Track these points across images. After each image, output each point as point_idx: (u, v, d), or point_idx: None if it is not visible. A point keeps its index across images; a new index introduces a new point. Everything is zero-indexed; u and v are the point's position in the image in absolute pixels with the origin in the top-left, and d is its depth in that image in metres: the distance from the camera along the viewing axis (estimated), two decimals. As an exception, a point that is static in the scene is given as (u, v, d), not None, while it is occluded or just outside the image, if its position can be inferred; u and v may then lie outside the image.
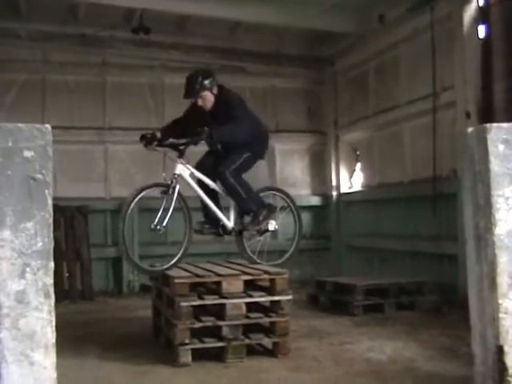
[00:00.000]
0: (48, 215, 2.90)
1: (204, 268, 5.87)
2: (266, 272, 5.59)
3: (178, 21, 9.69)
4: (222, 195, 5.96)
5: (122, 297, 9.49)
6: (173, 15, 9.36)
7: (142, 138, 5.90)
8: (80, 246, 9.38)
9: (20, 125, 2.93)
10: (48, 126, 2.99)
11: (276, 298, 5.51)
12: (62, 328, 6.85)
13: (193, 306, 5.32)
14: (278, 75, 10.72)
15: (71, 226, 9.43)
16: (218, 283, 5.41)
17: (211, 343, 5.31)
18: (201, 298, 5.38)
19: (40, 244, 2.91)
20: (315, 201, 10.93)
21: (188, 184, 5.74)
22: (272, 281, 5.56)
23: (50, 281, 2.92)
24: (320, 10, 9.26)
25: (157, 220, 5.60)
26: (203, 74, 5.67)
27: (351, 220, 10.37)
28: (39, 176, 2.92)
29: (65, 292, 9.14)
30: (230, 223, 5.93)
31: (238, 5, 9.15)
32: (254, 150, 6.00)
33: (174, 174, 5.62)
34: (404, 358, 5.31)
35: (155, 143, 5.83)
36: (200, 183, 5.83)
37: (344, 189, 10.74)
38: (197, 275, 5.45)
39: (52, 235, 2.93)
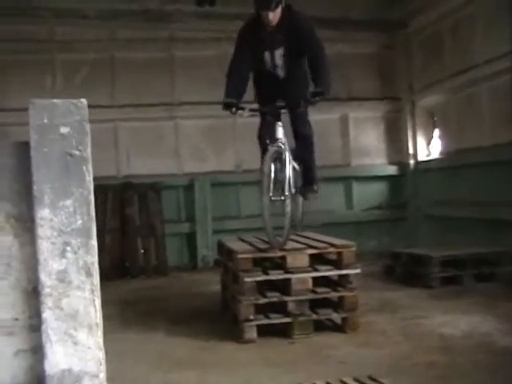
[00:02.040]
0: (87, 192, 2.82)
1: (265, 241, 5.73)
2: (332, 245, 5.40)
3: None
4: None
5: (196, 272, 9.53)
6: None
7: (227, 106, 5.15)
8: (154, 222, 9.47)
9: (55, 100, 2.84)
10: (84, 100, 2.88)
11: (343, 271, 5.33)
12: (135, 303, 7.06)
13: (257, 282, 5.21)
14: (347, 41, 10.29)
15: (145, 202, 9.52)
16: (283, 258, 5.27)
17: (277, 319, 5.19)
18: (265, 272, 5.26)
19: (80, 222, 2.83)
20: (391, 170, 10.55)
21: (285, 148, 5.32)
22: (339, 254, 5.36)
23: (92, 259, 2.84)
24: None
25: (272, 190, 5.06)
26: None
27: (428, 189, 9.93)
28: (76, 152, 2.84)
29: (140, 267, 9.31)
30: (293, 188, 5.60)
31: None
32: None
33: (279, 138, 5.19)
34: (479, 332, 5.03)
35: (245, 109, 5.18)
36: None
37: (421, 157, 10.30)
38: (260, 250, 5.33)
39: (92, 212, 2.84)
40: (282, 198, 5.06)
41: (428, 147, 10.26)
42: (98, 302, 2.92)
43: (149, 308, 6.76)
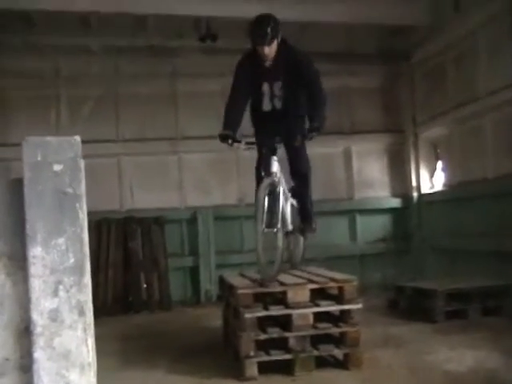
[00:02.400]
0: (80, 230, 2.80)
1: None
2: (333, 280, 5.34)
3: (244, 25, 9.52)
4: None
5: (200, 306, 9.45)
6: (239, 20, 9.21)
7: (223, 138, 5.14)
8: (157, 256, 9.43)
9: (48, 138, 2.85)
10: (77, 137, 2.89)
11: (345, 306, 5.26)
12: (137, 338, 6.99)
13: (258, 317, 5.15)
14: (351, 74, 10.38)
15: (148, 236, 9.49)
16: (284, 293, 5.21)
17: (278, 355, 5.12)
18: (266, 308, 5.20)
19: (72, 260, 2.81)
20: (395, 202, 10.51)
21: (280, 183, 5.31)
22: (340, 289, 5.30)
23: (85, 298, 2.81)
24: (390, 3, 8.93)
25: (265, 222, 5.04)
26: (274, 20, 5.10)
27: (433, 221, 9.87)
28: (69, 190, 2.83)
29: (143, 302, 9.24)
30: (290, 224, 5.61)
31: (306, 5, 8.95)
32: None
33: (273, 172, 5.17)
34: (485, 368, 4.95)
35: (241, 142, 5.19)
36: None
37: (425, 189, 10.26)
38: (261, 285, 5.28)
39: (86, 250, 2.82)
40: (275, 230, 5.03)
41: (431, 179, 10.23)
42: (90, 341, 2.88)
43: (150, 343, 6.69)
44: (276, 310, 5.18)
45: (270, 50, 5.10)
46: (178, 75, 9.92)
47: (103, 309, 8.97)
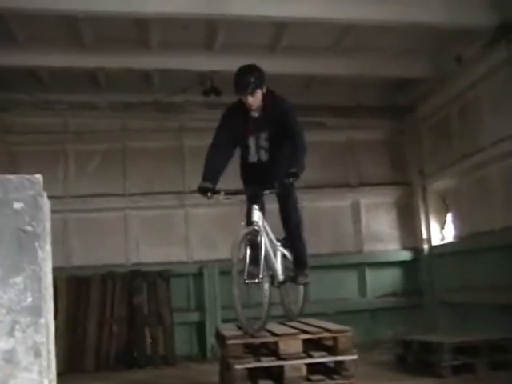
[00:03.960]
0: (39, 269, 2.73)
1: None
2: (326, 330, 5.17)
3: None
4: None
5: (206, 362, 9.23)
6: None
7: (203, 191, 5.07)
8: (162, 311, 9.30)
9: (9, 176, 2.82)
10: (39, 175, 2.85)
11: (339, 357, 5.07)
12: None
13: (250, 369, 4.99)
14: (357, 128, 10.43)
15: (153, 290, 9.40)
16: (275, 343, 5.06)
17: (269, 408, 4.92)
18: (258, 359, 5.04)
19: (30, 300, 2.73)
20: (405, 255, 10.33)
21: (263, 232, 5.12)
22: (334, 339, 5.13)
23: (41, 339, 2.72)
24: (393, 57, 9.00)
25: (247, 272, 4.89)
26: (258, 70, 5.05)
27: (444, 274, 9.65)
28: (29, 228, 2.78)
29: (148, 357, 9.07)
30: (280, 275, 5.48)
31: (311, 59, 9.06)
32: None
33: (254, 221, 5.03)
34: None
35: (220, 193, 5.06)
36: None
37: (435, 241, 10.08)
38: (252, 335, 5.13)
39: (44, 290, 2.75)
40: (257, 280, 4.90)
41: (442, 231, 10.07)
42: (46, 383, 2.78)
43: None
44: (267, 362, 5.01)
45: (253, 100, 5.03)
46: (184, 130, 10.03)
47: (105, 364, 8.83)
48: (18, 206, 2.85)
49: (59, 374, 8.77)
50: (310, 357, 5.05)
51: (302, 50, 8.86)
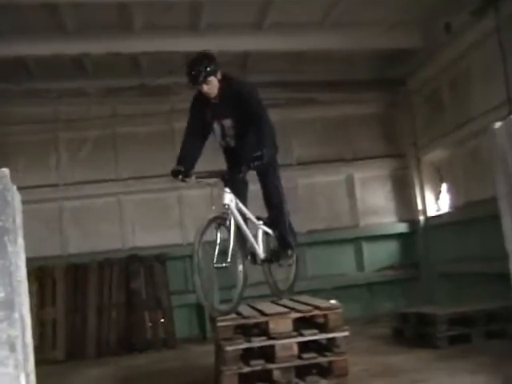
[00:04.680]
0: (9, 263, 2.73)
1: (254, 307, 5.55)
2: (316, 307, 5.17)
3: (239, 59, 9.61)
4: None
5: (206, 343, 9.25)
6: (232, 54, 9.26)
7: (175, 173, 5.15)
8: (160, 294, 9.35)
9: (-24, 171, 2.81)
10: (5, 169, 2.85)
11: (330, 335, 5.08)
12: (134, 379, 6.87)
13: (242, 350, 5.01)
14: (348, 102, 10.35)
15: (151, 274, 9.44)
16: (266, 323, 5.07)
17: (262, 389, 4.95)
18: (249, 340, 5.05)
19: (2, 294, 2.74)
20: (401, 228, 10.33)
21: (234, 215, 5.12)
22: (325, 316, 5.13)
23: (16, 333, 2.73)
24: (383, 29, 8.90)
25: (216, 257, 4.92)
26: (208, 57, 5.02)
27: (440, 245, 9.65)
28: (-2, 222, 2.77)
29: (148, 341, 9.12)
30: (262, 253, 5.48)
31: (299, 35, 8.96)
32: (275, 155, 5.33)
33: (224, 204, 5.07)
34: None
35: (191, 177, 5.15)
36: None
37: (431, 212, 10.06)
38: (242, 316, 5.14)
39: (16, 284, 2.75)
40: (224, 264, 4.89)
41: (437, 202, 10.04)
42: (22, 377, 2.80)
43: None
44: (258, 342, 5.03)
45: (209, 88, 4.97)
46: (174, 112, 9.94)
47: (107, 349, 8.89)
48: (-14, 200, 2.85)
49: (60, 362, 8.87)
50: (301, 335, 5.06)
51: (290, 26, 8.77)
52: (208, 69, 4.91)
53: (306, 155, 10.28)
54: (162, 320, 9.28)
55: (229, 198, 5.08)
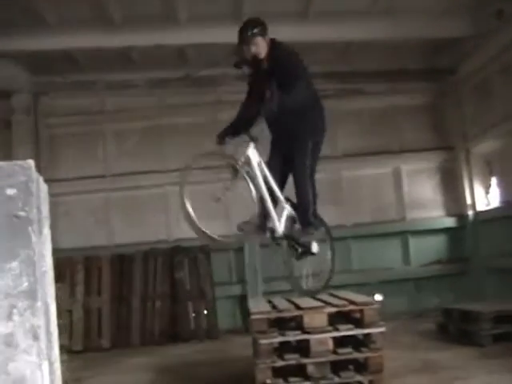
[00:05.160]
0: (33, 253, 2.76)
1: (290, 300, 5.51)
2: (352, 302, 5.09)
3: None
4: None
5: (249, 334, 9.27)
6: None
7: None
8: (204, 286, 9.40)
9: (1, 163, 2.84)
10: (30, 161, 2.86)
11: (365, 330, 5.00)
12: (175, 368, 6.94)
13: (275, 343, 4.98)
14: (396, 92, 10.15)
15: (195, 265, 9.50)
16: (300, 317, 5.02)
17: (297, 383, 4.90)
18: (283, 334, 5.02)
19: (26, 284, 2.76)
20: (449, 222, 10.08)
21: (252, 171, 5.30)
22: (361, 312, 5.05)
23: (38, 322, 2.75)
24: (431, 17, 8.67)
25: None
26: (253, 22, 5.20)
27: (490, 240, 9.36)
28: (22, 213, 2.80)
29: (191, 332, 9.20)
30: (280, 227, 5.37)
31: (346, 24, 8.83)
32: (317, 128, 5.28)
33: (246, 154, 5.20)
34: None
35: (227, 138, 5.38)
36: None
37: (480, 206, 9.77)
38: (277, 309, 5.11)
39: (38, 274, 2.78)
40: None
41: (486, 196, 9.75)
42: (45, 366, 2.83)
43: (183, 374, 6.61)
44: (292, 336, 4.99)
45: (256, 49, 5.09)
46: (221, 103, 9.92)
47: (151, 339, 9.00)
48: (10, 192, 2.87)
49: (106, 350, 9.01)
50: (337, 330, 5.00)
51: (336, 15, 8.64)
52: (254, 30, 5.08)
53: (351, 147, 10.13)
54: (206, 311, 9.35)
55: (252, 152, 5.17)
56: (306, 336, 4.94)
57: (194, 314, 9.31)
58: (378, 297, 9.37)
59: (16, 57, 8.88)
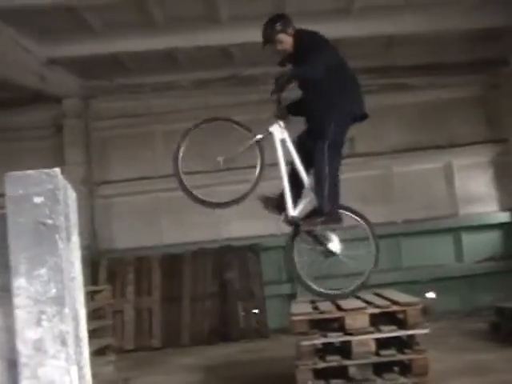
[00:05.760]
0: (60, 260, 2.79)
1: (334, 301, 5.44)
2: (395, 303, 4.99)
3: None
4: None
5: (298, 334, 9.25)
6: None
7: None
8: (253, 285, 9.41)
9: (28, 171, 2.89)
10: (56, 169, 2.90)
11: (409, 332, 4.89)
12: (221, 367, 6.98)
13: (316, 345, 4.94)
14: (443, 86, 9.89)
15: (244, 265, 9.53)
16: (342, 318, 4.95)
17: (338, 385, 4.85)
18: (324, 335, 4.97)
19: (54, 290, 2.80)
20: (504, 217, 9.78)
21: (275, 147, 5.37)
22: (404, 312, 4.95)
23: (66, 328, 2.79)
24: (475, 6, 8.41)
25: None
26: (273, 18, 5.31)
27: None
28: (49, 221, 2.84)
29: (241, 331, 9.22)
30: (292, 211, 5.30)
31: (387, 19, 8.68)
32: (342, 105, 5.13)
33: (268, 129, 5.39)
34: None
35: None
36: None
37: (537, 201, 9.45)
38: (318, 311, 5.06)
39: (66, 281, 2.82)
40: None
41: (544, 190, 9.42)
42: (74, 370, 2.87)
43: (229, 374, 6.64)
44: (334, 338, 4.93)
45: (282, 45, 5.21)
46: (261, 102, 9.87)
47: (200, 338, 9.07)
48: (37, 200, 2.92)
49: (156, 349, 9.11)
50: (379, 331, 4.91)
51: (378, 10, 8.48)
52: (276, 28, 5.17)
53: (400, 143, 9.94)
54: (256, 310, 9.35)
55: (275, 127, 5.34)
56: (347, 337, 4.87)
57: (243, 314, 9.33)
58: (431, 295, 9.20)
59: (66, 63, 9.08)
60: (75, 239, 3.22)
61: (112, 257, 9.71)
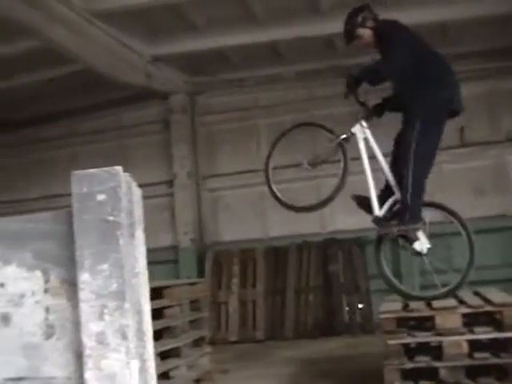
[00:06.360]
0: (120, 256, 2.87)
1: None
2: (489, 303, 4.70)
3: (435, 31, 9.00)
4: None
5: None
6: (427, 26, 8.70)
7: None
8: (358, 279, 9.24)
9: (92, 170, 2.99)
10: (118, 167, 2.98)
11: (505, 334, 4.59)
12: (318, 362, 6.93)
13: (405, 344, 4.76)
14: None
15: (349, 258, 9.38)
16: (432, 317, 4.74)
17: (427, 388, 4.65)
18: (412, 334, 4.77)
19: (115, 285, 2.87)
20: None
21: (358, 147, 5.38)
22: (500, 313, 4.65)
23: (126, 322, 2.86)
24: None
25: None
26: (350, 14, 5.20)
27: None
28: (111, 218, 2.90)
29: (345, 325, 9.10)
30: (377, 211, 5.13)
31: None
32: (431, 94, 4.89)
33: (350, 130, 5.39)
34: None
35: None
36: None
37: None
38: (408, 309, 4.87)
39: (126, 276, 2.89)
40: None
41: None
42: (134, 363, 2.94)
43: (325, 368, 6.57)
44: (423, 337, 4.73)
45: (363, 40, 5.18)
46: (368, 92, 9.64)
47: (303, 332, 9.03)
48: (100, 197, 3.02)
49: (260, 341, 9.20)
50: (472, 332, 4.65)
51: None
52: (354, 24, 5.12)
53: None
54: (361, 305, 9.18)
55: (358, 128, 5.35)
56: (437, 338, 4.65)
57: (347, 308, 9.20)
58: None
59: (170, 60, 9.35)
60: (139, 235, 3.29)
61: (218, 249, 9.90)
